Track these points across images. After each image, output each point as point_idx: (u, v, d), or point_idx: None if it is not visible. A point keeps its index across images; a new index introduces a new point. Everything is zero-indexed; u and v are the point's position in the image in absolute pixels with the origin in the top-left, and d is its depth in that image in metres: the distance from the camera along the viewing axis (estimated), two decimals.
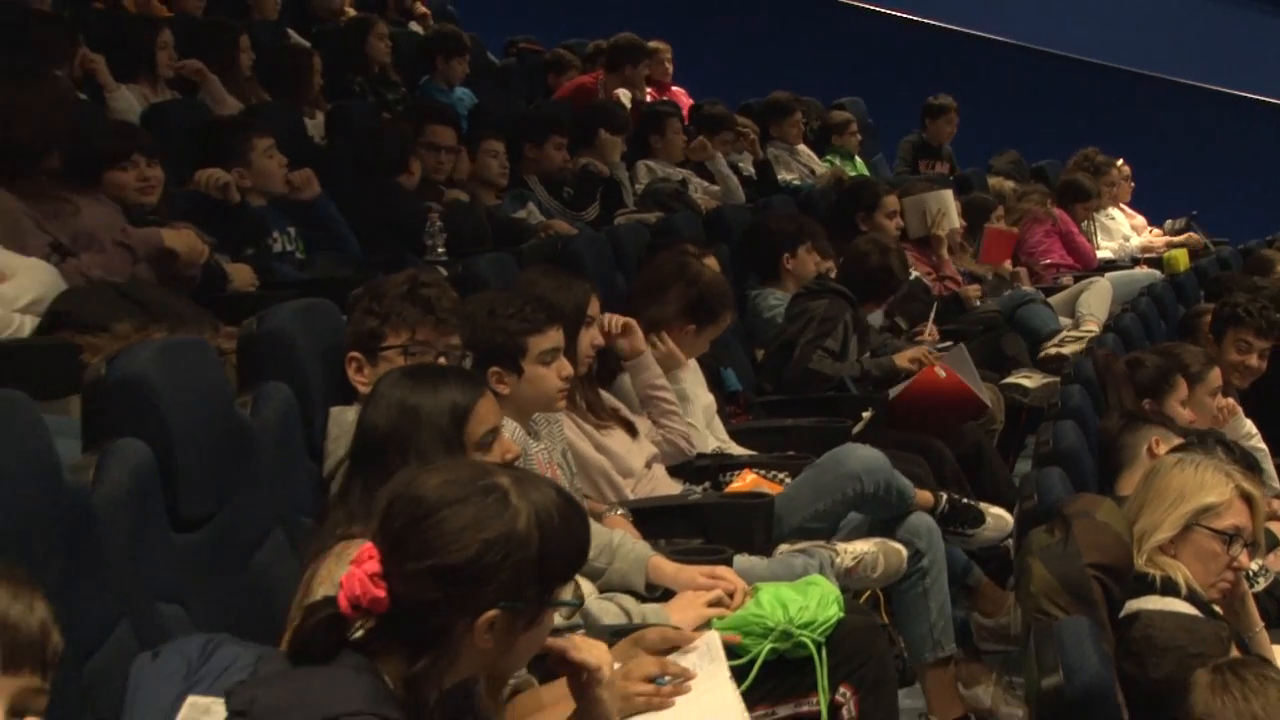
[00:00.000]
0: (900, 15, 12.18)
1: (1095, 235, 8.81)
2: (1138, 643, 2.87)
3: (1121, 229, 9.25)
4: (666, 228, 5.89)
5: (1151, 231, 9.58)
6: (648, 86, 8.65)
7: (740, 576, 3.03)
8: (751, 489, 3.89)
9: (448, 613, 1.79)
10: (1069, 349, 6.33)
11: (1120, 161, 9.38)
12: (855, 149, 9.17)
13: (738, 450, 4.34)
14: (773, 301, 5.58)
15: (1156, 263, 8.64)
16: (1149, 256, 8.94)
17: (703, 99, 8.67)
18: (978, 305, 6.89)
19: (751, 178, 7.99)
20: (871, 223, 6.54)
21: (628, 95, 8.20)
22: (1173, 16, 11.84)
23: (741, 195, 7.48)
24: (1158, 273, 8.18)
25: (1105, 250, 8.85)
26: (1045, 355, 6.42)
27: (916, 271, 6.61)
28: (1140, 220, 9.63)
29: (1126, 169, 9.45)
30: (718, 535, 3.47)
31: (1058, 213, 8.35)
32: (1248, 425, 4.75)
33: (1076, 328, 6.73)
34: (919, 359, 5.23)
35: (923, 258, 6.87)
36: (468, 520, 1.79)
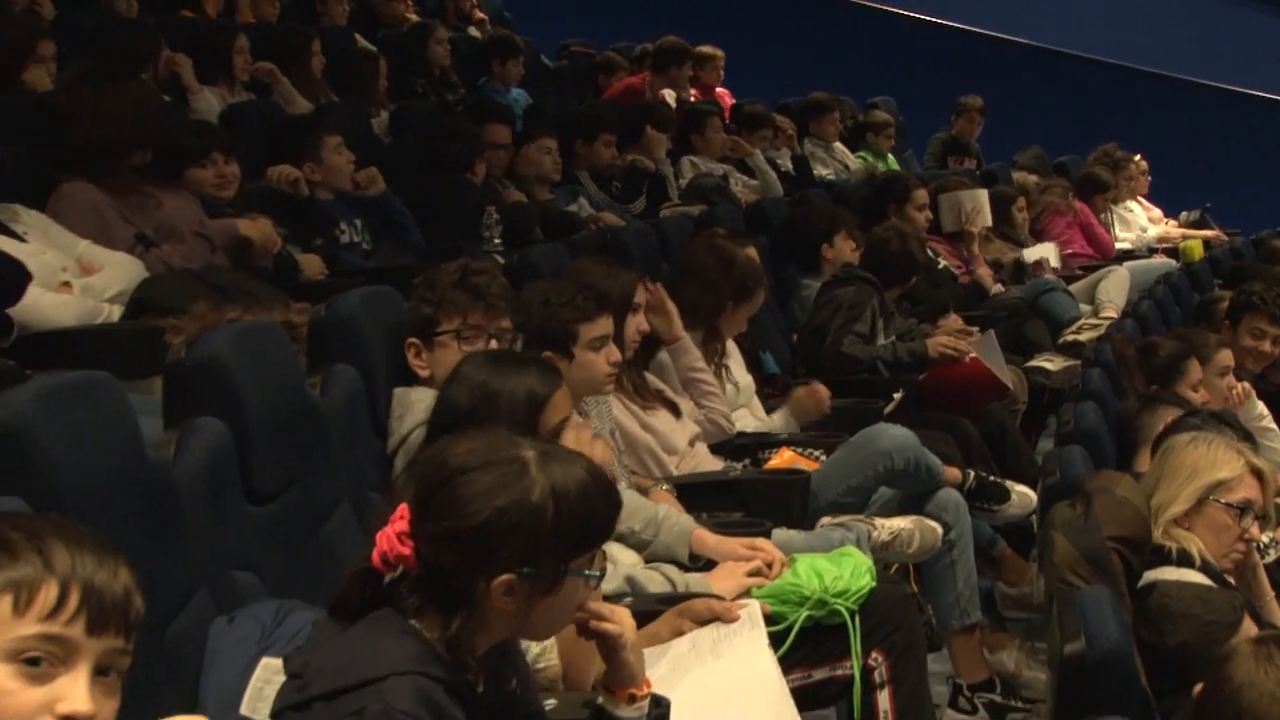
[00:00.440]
0: (930, 19, 12.12)
1: (1114, 226, 8.78)
2: (1155, 611, 2.84)
3: (1139, 220, 9.20)
4: (709, 220, 5.87)
5: (1167, 223, 9.53)
6: (695, 88, 8.63)
7: (778, 548, 3.02)
8: (789, 466, 3.88)
9: (466, 574, 1.78)
10: (1086, 336, 6.29)
11: (1138, 157, 9.34)
12: (888, 146, 9.14)
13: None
14: (812, 291, 5.55)
15: (1172, 252, 8.63)
16: (1165, 246, 8.91)
17: (744, 99, 8.66)
18: (1000, 290, 6.87)
19: (789, 173, 7.97)
20: (902, 215, 6.53)
21: (673, 95, 8.17)
22: (1188, 20, 11.77)
23: (779, 189, 7.46)
24: (1173, 262, 8.17)
25: (1123, 241, 8.81)
26: (1065, 342, 6.38)
27: (945, 262, 6.61)
28: (1156, 212, 9.58)
29: (1143, 164, 9.39)
30: (757, 509, 3.46)
31: (1078, 205, 8.32)
32: (1260, 407, 4.71)
33: (1096, 314, 6.70)
34: (952, 348, 5.18)
35: (953, 251, 6.87)
36: (483, 487, 1.78)
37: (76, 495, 1.92)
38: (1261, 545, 3.34)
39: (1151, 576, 2.96)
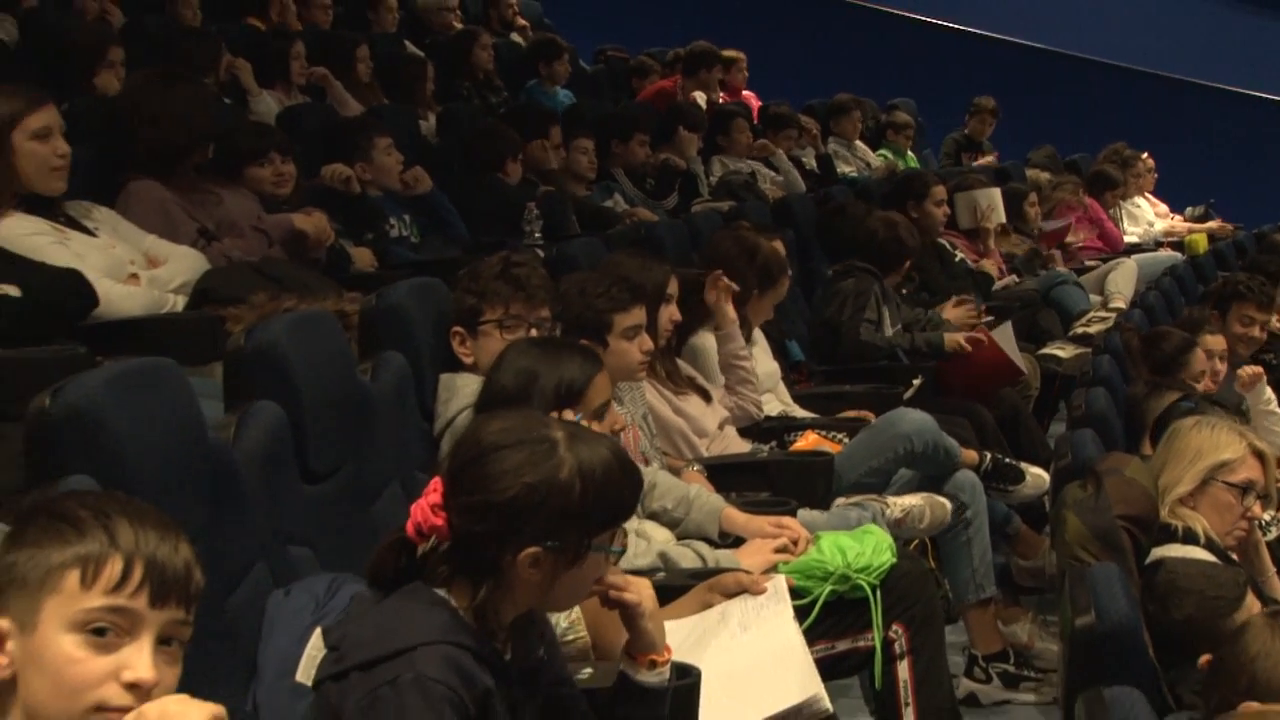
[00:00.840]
0: (947, 25, 12.06)
1: (1122, 221, 8.73)
2: (1162, 586, 2.83)
3: (1146, 215, 9.15)
4: (737, 215, 5.84)
5: (1173, 218, 9.47)
6: (722, 90, 8.61)
7: (803, 526, 3.00)
8: (813, 448, 3.87)
9: (494, 546, 1.77)
10: (1096, 328, 6.25)
11: (1145, 155, 9.28)
12: (907, 145, 9.11)
13: (801, 413, 4.31)
14: None
15: (1178, 246, 8.57)
16: (1171, 240, 8.86)
17: (770, 100, 8.63)
18: (1010, 281, 6.84)
19: (814, 171, 7.94)
20: (921, 210, 6.50)
21: (703, 97, 8.15)
22: (1192, 25, 11.69)
23: (802, 186, 7.44)
24: (1179, 255, 8.13)
25: (1131, 235, 8.76)
26: (1076, 332, 6.35)
27: (962, 255, 6.62)
28: (1163, 208, 9.52)
29: (1150, 161, 9.33)
30: (783, 489, 3.45)
31: (1088, 201, 8.29)
32: (1268, 393, 4.70)
33: (1105, 305, 6.67)
34: (970, 340, 5.14)
35: (970, 246, 6.85)
36: (514, 464, 1.78)
37: (143, 474, 1.92)
38: (1263, 523, 3.35)
39: (1158, 553, 2.95)
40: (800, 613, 2.64)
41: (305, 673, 2.01)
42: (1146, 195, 9.36)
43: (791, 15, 11.69)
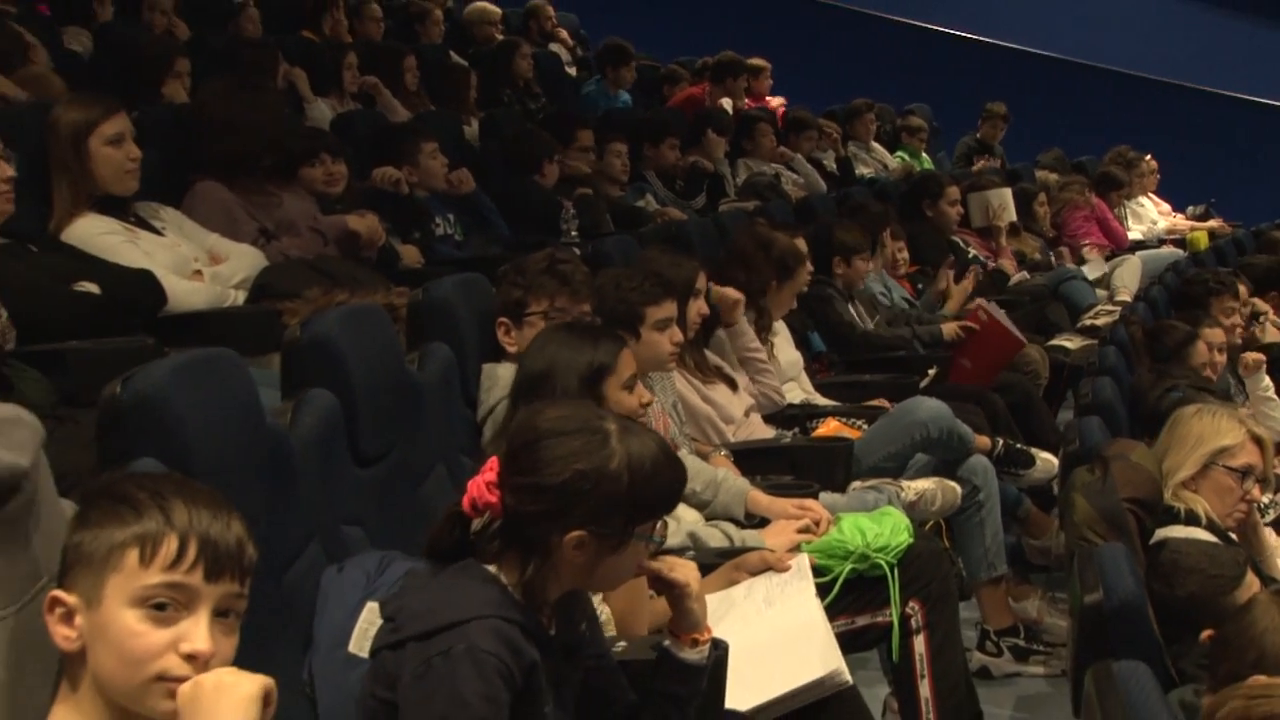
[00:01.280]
0: (961, 34, 12.00)
1: (1127, 219, 8.66)
2: (1166, 565, 2.80)
3: (1150, 214, 9.07)
4: (762, 214, 5.82)
5: (1175, 216, 9.38)
6: (747, 96, 8.59)
7: (825, 508, 2.99)
8: (834, 434, 3.85)
9: (543, 526, 1.77)
10: (1103, 320, 6.21)
11: (1149, 156, 9.20)
12: (921, 147, 9.06)
13: (822, 401, 4.29)
14: (868, 279, 5.44)
15: (1180, 243, 8.50)
16: (1173, 238, 8.77)
17: (793, 106, 8.60)
18: (1023, 277, 6.82)
19: (834, 172, 7.91)
20: (936, 209, 6.56)
21: (729, 103, 8.13)
22: (1193, 33, 11.60)
23: (823, 186, 7.42)
24: (1181, 251, 8.07)
25: (1135, 232, 8.68)
26: (1083, 324, 6.31)
27: (975, 252, 6.58)
28: (1166, 207, 9.43)
29: (1154, 163, 9.26)
30: (805, 473, 3.43)
31: (1095, 200, 8.22)
32: (1266, 380, 4.65)
33: (1111, 299, 6.63)
34: (969, 320, 5.17)
35: (984, 244, 6.86)
36: (568, 451, 1.77)
37: (205, 457, 1.93)
38: (1262, 506, 3.33)
39: (1162, 534, 2.92)
40: (822, 590, 2.63)
41: (358, 644, 2.01)
42: (1150, 195, 9.28)
43: (813, 26, 11.68)
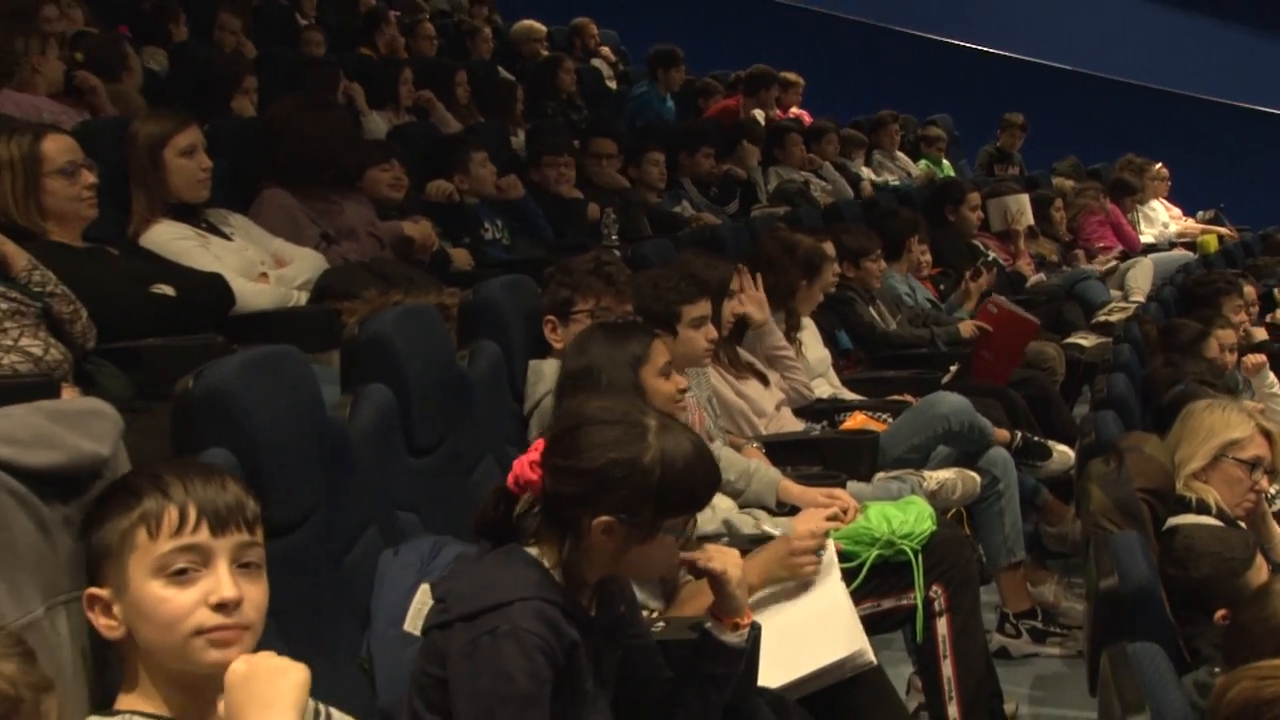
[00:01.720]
0: (980, 48, 11.93)
1: (1139, 223, 8.58)
2: (1179, 551, 2.77)
3: (1161, 218, 8.97)
4: (792, 219, 5.80)
5: (1186, 220, 9.27)
6: (779, 109, 8.56)
7: (852, 497, 2.97)
8: (860, 427, 3.82)
9: (575, 508, 1.76)
10: (1116, 317, 6.15)
11: (1159, 165, 9.10)
12: (941, 155, 9.01)
13: (849, 396, 4.27)
14: (894, 281, 5.41)
15: (1190, 246, 8.41)
16: (1184, 241, 8.68)
17: (820, 117, 8.56)
18: (1040, 278, 6.76)
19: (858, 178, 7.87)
20: (957, 214, 6.53)
21: (761, 114, 8.11)
22: (1203, 45, 11.46)
23: (850, 192, 7.37)
24: (1191, 254, 7.99)
25: (1147, 236, 8.60)
26: (1098, 322, 6.25)
27: (994, 255, 6.55)
28: (1177, 211, 9.32)
29: (1164, 170, 9.16)
30: (833, 464, 3.41)
31: (1109, 206, 8.15)
32: (1271, 377, 4.59)
33: (1125, 299, 6.58)
34: (982, 317, 5.12)
35: (1003, 247, 6.81)
36: (606, 439, 1.76)
37: (270, 448, 1.93)
38: (1270, 495, 3.28)
39: (1174, 522, 2.90)
40: (849, 574, 2.61)
41: (412, 622, 2.02)
42: (1161, 200, 9.18)
43: (839, 41, 11.63)
